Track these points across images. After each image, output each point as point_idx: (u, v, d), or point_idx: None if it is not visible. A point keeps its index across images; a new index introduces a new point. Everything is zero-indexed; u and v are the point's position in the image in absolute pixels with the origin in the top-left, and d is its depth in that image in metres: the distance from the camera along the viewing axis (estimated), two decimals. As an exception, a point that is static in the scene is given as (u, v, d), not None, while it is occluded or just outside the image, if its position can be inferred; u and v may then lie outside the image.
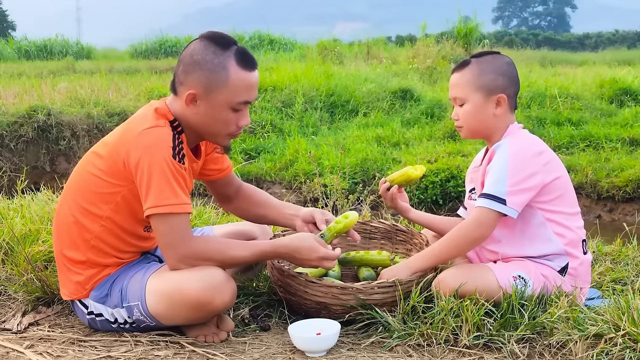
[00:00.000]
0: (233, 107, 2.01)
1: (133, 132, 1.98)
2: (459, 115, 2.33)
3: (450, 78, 2.35)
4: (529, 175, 2.15)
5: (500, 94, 2.26)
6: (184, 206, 1.94)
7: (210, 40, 2.00)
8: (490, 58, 2.31)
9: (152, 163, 1.91)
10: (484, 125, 2.31)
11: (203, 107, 2.01)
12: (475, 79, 2.27)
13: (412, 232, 2.65)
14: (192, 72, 1.98)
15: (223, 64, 1.97)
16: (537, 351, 1.98)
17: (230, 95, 1.99)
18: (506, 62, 2.30)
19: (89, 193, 2.04)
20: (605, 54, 22.77)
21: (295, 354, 2.02)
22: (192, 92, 1.99)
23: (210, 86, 1.98)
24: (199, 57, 1.98)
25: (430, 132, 8.57)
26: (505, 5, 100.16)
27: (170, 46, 22.68)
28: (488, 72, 2.27)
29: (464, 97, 2.29)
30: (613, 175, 6.37)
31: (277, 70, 11.60)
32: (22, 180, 3.66)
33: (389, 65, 13.92)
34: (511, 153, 2.18)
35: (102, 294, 2.09)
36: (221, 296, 1.96)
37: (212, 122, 2.03)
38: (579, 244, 2.26)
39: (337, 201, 4.26)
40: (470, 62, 2.31)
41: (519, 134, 2.28)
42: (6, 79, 12.08)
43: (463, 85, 2.29)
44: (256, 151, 7.87)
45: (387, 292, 2.16)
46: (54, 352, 2.03)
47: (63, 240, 2.10)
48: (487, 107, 2.27)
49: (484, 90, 2.26)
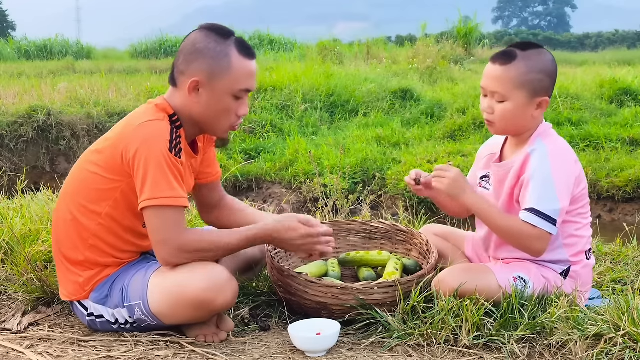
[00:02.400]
0: (235, 94, 2.04)
1: (132, 125, 2.00)
2: (493, 109, 2.15)
3: (490, 68, 2.14)
4: (570, 191, 2.10)
5: (544, 96, 2.12)
6: (179, 199, 1.94)
7: (210, 30, 2.03)
8: (537, 54, 2.12)
9: (149, 155, 1.92)
10: (519, 125, 2.17)
11: (205, 95, 2.02)
12: (521, 76, 2.09)
13: (412, 232, 2.65)
14: (195, 61, 2.01)
15: (225, 51, 2.00)
16: (537, 351, 1.98)
17: (232, 82, 2.02)
18: (551, 60, 2.14)
19: (87, 191, 2.05)
20: (605, 54, 22.75)
21: (295, 354, 2.02)
22: (195, 80, 2.01)
23: (213, 73, 2.00)
24: (202, 45, 2.00)
25: (430, 132, 8.56)
26: (505, 5, 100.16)
27: (170, 46, 22.67)
28: (536, 71, 2.10)
29: (506, 95, 2.11)
30: (613, 175, 6.36)
31: (277, 70, 11.59)
32: (22, 180, 3.66)
33: (389, 65, 13.92)
34: (554, 165, 2.08)
35: (102, 295, 2.09)
36: (224, 295, 1.96)
37: (213, 110, 2.04)
38: (583, 252, 2.25)
39: (337, 201, 4.25)
40: (516, 55, 2.10)
41: (553, 137, 2.18)
42: (6, 79, 12.06)
43: (507, 81, 2.10)
44: (256, 151, 7.86)
45: (387, 292, 2.16)
46: (54, 352, 2.03)
47: (61, 239, 2.10)
48: (529, 108, 2.12)
49: (528, 91, 2.10)
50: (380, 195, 6.15)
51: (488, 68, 2.16)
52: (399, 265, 2.46)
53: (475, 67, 15.26)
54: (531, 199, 2.07)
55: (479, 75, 13.07)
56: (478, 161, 2.43)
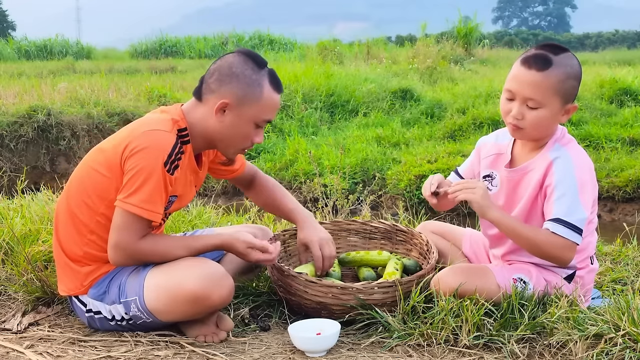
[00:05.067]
0: (258, 122, 2.12)
1: (138, 130, 2.03)
2: (524, 116, 2.06)
3: (525, 73, 2.03)
4: (594, 199, 2.10)
5: (574, 103, 2.08)
6: (151, 213, 1.99)
7: (248, 56, 2.10)
8: (568, 58, 2.05)
9: (143, 163, 1.96)
10: (546, 132, 2.11)
11: (230, 118, 2.09)
12: (559, 83, 2.02)
13: (412, 232, 2.65)
14: (229, 83, 2.06)
15: (259, 81, 2.07)
16: (537, 351, 1.97)
17: (259, 111, 2.09)
18: (579, 64, 2.09)
19: (87, 188, 2.07)
20: (605, 54, 22.76)
21: (295, 354, 2.02)
22: (225, 102, 2.06)
23: (244, 99, 2.07)
24: (238, 70, 2.06)
25: (430, 132, 8.56)
26: (505, 5, 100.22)
27: (170, 46, 22.71)
28: (572, 78, 2.04)
29: (543, 101, 2.03)
30: (613, 175, 6.36)
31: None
32: (22, 180, 3.66)
33: (389, 65, 13.93)
34: (579, 175, 2.05)
35: (101, 291, 2.11)
36: (219, 291, 1.98)
37: (233, 133, 2.11)
38: (589, 257, 2.24)
39: (337, 201, 4.26)
40: (552, 60, 2.02)
41: (573, 143, 2.16)
42: (6, 79, 12.06)
43: (546, 88, 2.01)
44: (256, 151, 7.87)
45: (387, 292, 2.16)
46: (54, 352, 2.03)
47: (61, 234, 2.12)
48: (559, 115, 2.07)
49: (563, 97, 2.04)
50: (380, 195, 6.16)
51: (522, 73, 2.05)
52: (399, 265, 2.46)
53: (475, 67, 15.27)
54: (559, 210, 2.04)
55: (479, 75, 13.07)
56: (479, 155, 2.37)
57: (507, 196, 2.23)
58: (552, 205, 2.05)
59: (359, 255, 2.66)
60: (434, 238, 2.54)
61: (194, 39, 23.33)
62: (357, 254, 2.67)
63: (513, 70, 2.10)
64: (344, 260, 2.66)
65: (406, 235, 2.68)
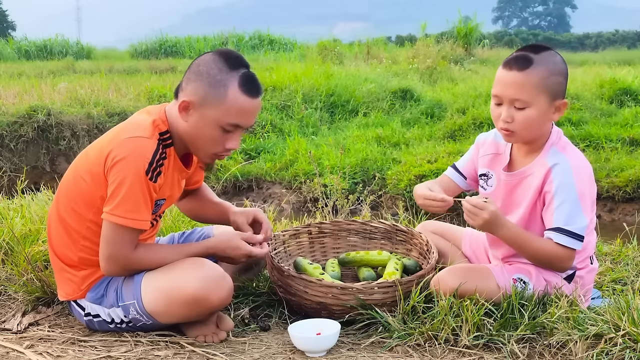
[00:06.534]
0: (222, 126, 2.02)
1: (120, 137, 1.99)
2: (514, 118, 2.06)
3: (506, 75, 2.05)
4: (594, 203, 2.11)
5: (562, 99, 2.08)
6: (139, 222, 1.98)
7: (221, 56, 2.01)
8: (551, 55, 2.06)
9: (125, 172, 1.94)
10: (539, 132, 2.11)
11: (194, 118, 2.02)
12: (543, 81, 2.02)
13: (412, 232, 2.65)
14: (193, 82, 2.01)
15: (224, 82, 1.98)
16: (537, 351, 1.98)
17: (221, 114, 2.00)
18: (563, 60, 2.09)
19: (75, 194, 2.06)
20: (605, 54, 22.73)
21: (295, 354, 2.02)
22: (186, 101, 2.01)
23: (205, 99, 1.99)
24: (204, 68, 2.00)
25: (430, 132, 8.56)
26: (505, 5, 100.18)
27: (170, 46, 22.67)
28: (556, 74, 2.04)
29: (529, 101, 2.03)
30: (613, 175, 6.36)
31: (277, 70, 11.59)
32: (22, 180, 3.66)
33: (389, 65, 13.92)
34: (578, 181, 2.05)
35: (98, 295, 2.10)
36: (217, 292, 1.97)
37: (198, 135, 2.04)
38: (588, 257, 2.25)
39: (337, 201, 4.25)
40: (532, 59, 2.03)
41: (570, 147, 2.15)
42: (6, 79, 12.06)
43: (529, 86, 2.02)
44: (256, 151, 7.87)
45: (387, 292, 2.16)
46: (54, 352, 2.03)
47: (55, 240, 2.12)
48: (549, 113, 2.07)
49: (549, 95, 2.04)
50: (380, 195, 6.15)
51: (503, 75, 2.06)
52: (399, 265, 2.46)
53: (475, 67, 15.26)
54: (559, 219, 2.04)
55: (479, 75, 13.06)
56: (478, 152, 2.37)
57: (504, 199, 2.24)
58: (553, 214, 2.06)
59: (359, 255, 2.66)
60: (433, 238, 2.54)
61: (194, 39, 23.32)
62: (357, 254, 2.67)
63: (497, 74, 2.11)
64: (344, 260, 2.66)
65: (406, 235, 2.68)
